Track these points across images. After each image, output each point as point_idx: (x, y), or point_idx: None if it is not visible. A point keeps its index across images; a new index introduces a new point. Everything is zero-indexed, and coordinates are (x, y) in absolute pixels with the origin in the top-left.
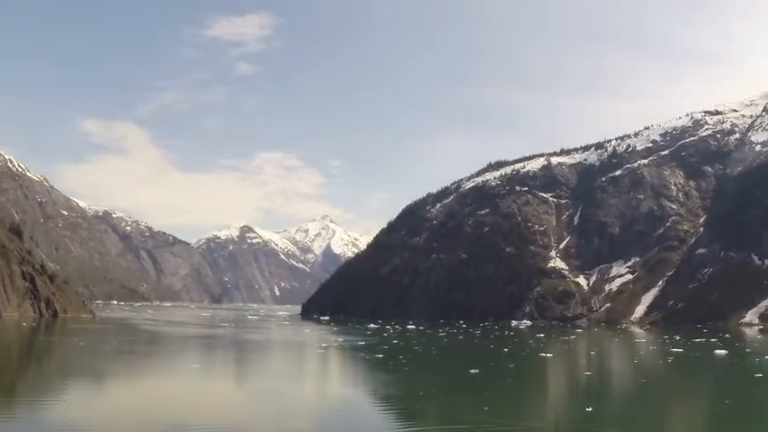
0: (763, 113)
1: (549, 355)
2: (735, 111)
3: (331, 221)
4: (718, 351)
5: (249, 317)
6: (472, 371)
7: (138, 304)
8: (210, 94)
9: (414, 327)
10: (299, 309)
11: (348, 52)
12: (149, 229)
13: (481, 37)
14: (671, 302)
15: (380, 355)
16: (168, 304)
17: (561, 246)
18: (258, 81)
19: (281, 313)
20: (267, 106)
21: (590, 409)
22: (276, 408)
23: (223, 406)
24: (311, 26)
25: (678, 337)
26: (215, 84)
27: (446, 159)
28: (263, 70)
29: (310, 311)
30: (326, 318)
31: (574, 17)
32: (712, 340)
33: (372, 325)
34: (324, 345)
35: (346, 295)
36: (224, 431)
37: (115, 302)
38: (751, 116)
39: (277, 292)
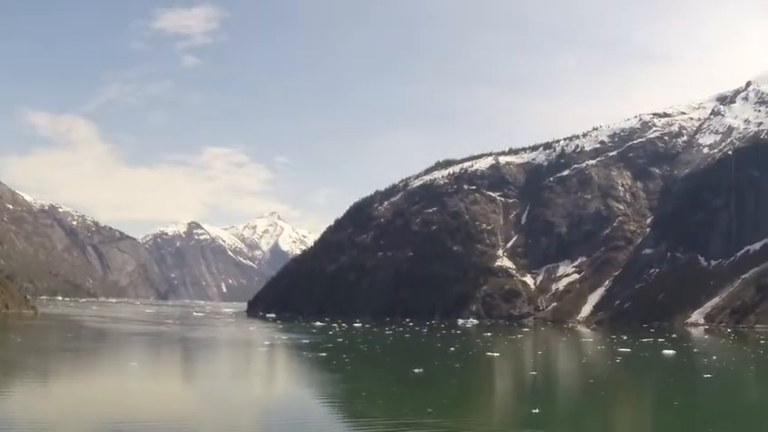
0: (711, 116)
1: (496, 354)
2: (683, 113)
3: (279, 218)
4: (666, 351)
5: (195, 314)
6: (416, 370)
7: (84, 300)
8: (157, 87)
9: (360, 325)
10: (245, 306)
11: (294, 47)
12: (96, 224)
13: (431, 34)
14: (617, 302)
15: (324, 354)
16: (114, 300)
17: (508, 245)
18: (204, 75)
19: (226, 310)
20: (213, 101)
21: (537, 410)
22: (209, 407)
23: (152, 407)
24: (257, 20)
25: (625, 337)
26: (161, 77)
27: (395, 157)
28: (209, 64)
29: (256, 309)
30: (273, 315)
31: (520, 16)
32: (660, 340)
33: (318, 323)
34: (267, 342)
35: (293, 293)
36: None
37: (60, 298)
38: (699, 119)
39: (224, 289)
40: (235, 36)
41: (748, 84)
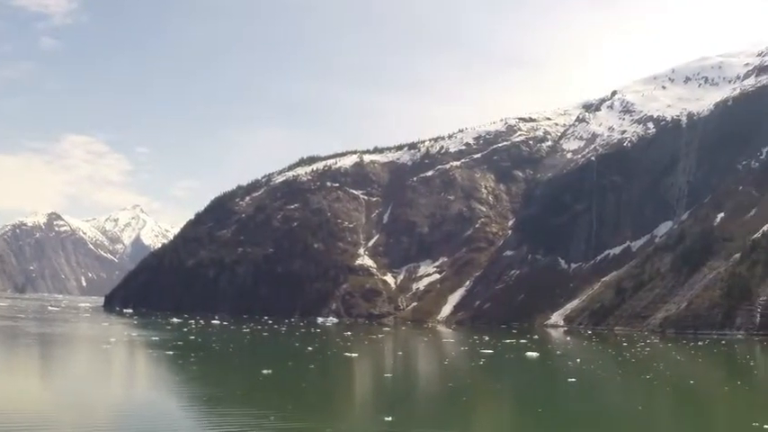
0: (576, 123)
1: (354, 355)
2: (548, 119)
3: (142, 211)
4: (529, 353)
5: (50, 308)
6: (265, 371)
7: None
8: (13, 69)
9: (218, 322)
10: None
11: (159, 34)
12: None
13: (296, 29)
14: (477, 302)
15: (171, 353)
16: None
17: (370, 243)
18: (64, 58)
19: (83, 305)
20: (73, 86)
21: (390, 418)
22: (17, 406)
23: None
24: (121, 1)
25: (488, 338)
26: (18, 59)
27: (259, 151)
28: (69, 47)
29: (113, 304)
30: (129, 311)
31: (387, 16)
32: (522, 341)
33: (175, 319)
34: (112, 340)
35: (151, 287)
36: None
37: None
38: (564, 125)
39: (84, 283)
40: (96, 17)
41: (614, 93)
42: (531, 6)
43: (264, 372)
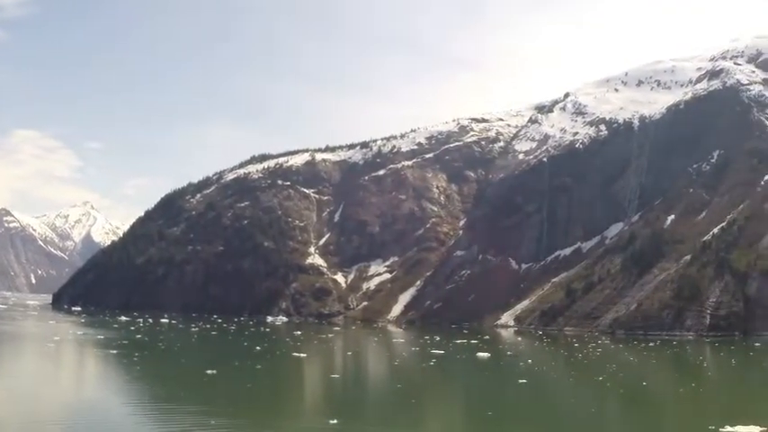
0: (529, 124)
1: (303, 355)
2: (501, 120)
3: (92, 208)
4: (480, 354)
5: None
6: (209, 371)
7: None
8: None
9: (167, 320)
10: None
11: (112, 29)
12: None
13: (254, 29)
14: (428, 302)
15: (115, 351)
16: None
17: (321, 242)
18: (12, 50)
19: (31, 302)
20: (23, 79)
21: (335, 420)
22: None
23: None
24: None
25: (438, 338)
26: None
27: (211, 149)
28: (19, 39)
29: (62, 301)
30: (78, 309)
31: (340, 15)
32: (473, 342)
33: (124, 318)
34: (57, 338)
35: (100, 285)
36: None
37: None
38: (516, 126)
39: (33, 281)
40: (48, 10)
41: (566, 95)
42: (484, 9)
43: (209, 372)
